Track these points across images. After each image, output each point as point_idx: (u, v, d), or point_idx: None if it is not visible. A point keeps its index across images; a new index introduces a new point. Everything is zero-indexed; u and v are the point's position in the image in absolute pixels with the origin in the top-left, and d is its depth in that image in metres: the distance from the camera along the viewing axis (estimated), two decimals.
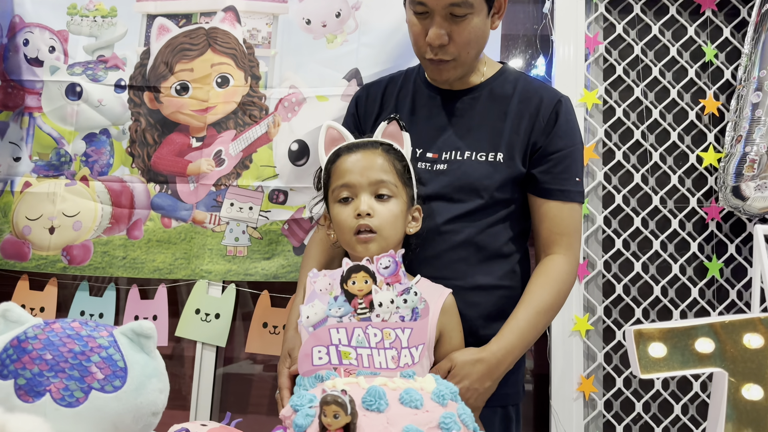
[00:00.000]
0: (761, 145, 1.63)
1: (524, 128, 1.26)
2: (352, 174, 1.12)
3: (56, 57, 1.97)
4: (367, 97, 1.43)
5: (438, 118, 1.32)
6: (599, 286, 1.80)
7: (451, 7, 1.17)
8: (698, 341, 0.83)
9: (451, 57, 1.23)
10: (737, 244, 1.79)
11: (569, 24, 1.86)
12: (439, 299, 1.09)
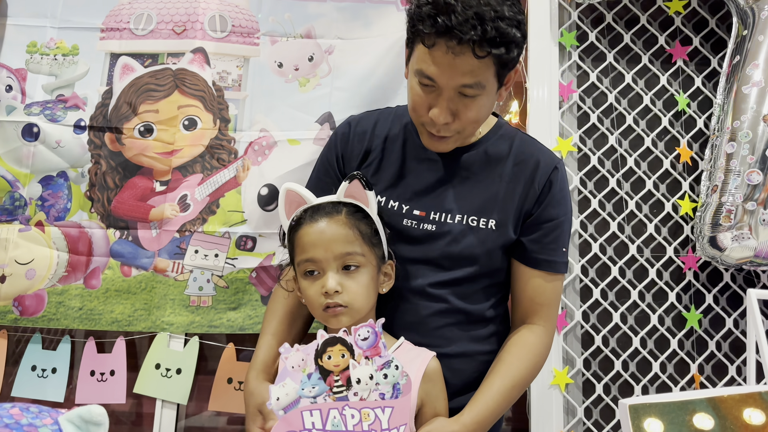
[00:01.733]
0: (737, 196, 1.62)
1: (518, 194, 1.20)
2: (316, 248, 1.06)
3: (13, 96, 1.88)
4: (352, 134, 1.32)
5: (429, 173, 1.23)
6: (578, 338, 1.75)
7: (463, 88, 1.09)
8: (696, 417, 0.78)
9: (454, 133, 1.15)
10: (715, 294, 1.77)
11: (543, 71, 1.85)
12: (422, 365, 1.02)
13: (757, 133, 1.62)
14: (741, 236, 1.61)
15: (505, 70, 1.12)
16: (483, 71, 1.07)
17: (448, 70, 1.07)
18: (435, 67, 1.08)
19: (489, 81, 1.10)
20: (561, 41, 1.87)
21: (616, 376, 1.73)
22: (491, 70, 1.08)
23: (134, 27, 1.92)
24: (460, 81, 1.08)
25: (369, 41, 1.92)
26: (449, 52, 1.05)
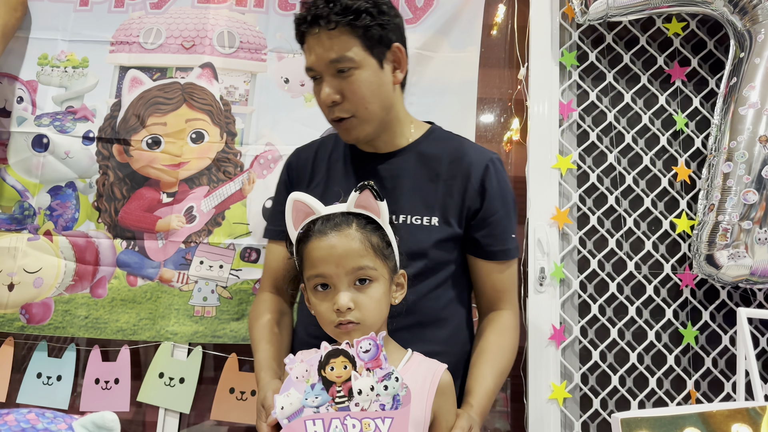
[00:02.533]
0: (733, 215, 1.65)
1: (457, 190, 1.28)
2: (327, 264, 1.04)
3: (24, 107, 1.92)
4: (297, 161, 1.43)
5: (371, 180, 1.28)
6: (576, 353, 1.78)
7: (333, 63, 1.21)
8: (686, 431, 0.80)
9: (349, 114, 1.25)
10: (711, 311, 1.80)
11: (543, 90, 1.89)
12: (435, 379, 1.03)
13: (753, 154, 1.65)
14: (737, 255, 1.64)
15: (377, 46, 1.24)
16: (344, 44, 1.21)
17: (317, 52, 1.23)
18: (310, 57, 1.25)
19: (359, 55, 1.22)
20: (561, 61, 1.91)
21: (613, 391, 1.75)
22: (355, 43, 1.21)
23: (144, 41, 1.96)
24: (328, 57, 1.21)
25: None
26: (313, 39, 1.22)
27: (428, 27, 1.97)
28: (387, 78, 1.27)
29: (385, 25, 1.24)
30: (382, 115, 1.29)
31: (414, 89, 1.94)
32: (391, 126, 1.33)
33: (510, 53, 2.02)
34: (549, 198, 1.82)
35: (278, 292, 1.40)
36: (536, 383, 1.72)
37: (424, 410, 1.01)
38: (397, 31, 1.29)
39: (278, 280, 1.39)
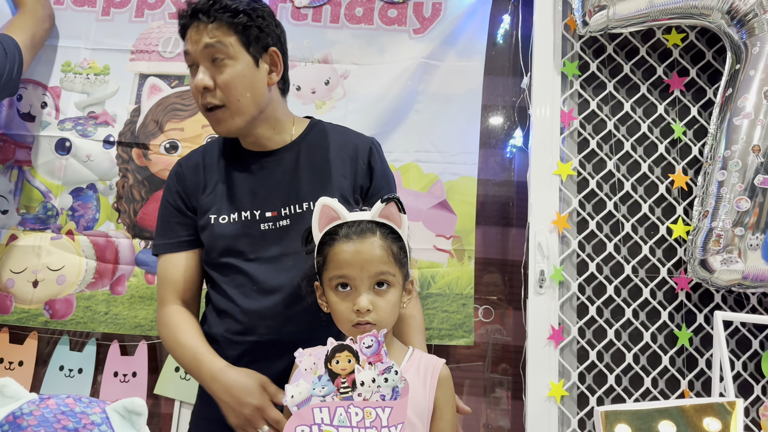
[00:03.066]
0: (726, 222, 1.71)
1: (349, 172, 1.40)
2: (351, 267, 1.11)
3: (48, 112, 2.02)
4: (185, 171, 1.46)
5: (265, 179, 1.40)
6: (574, 352, 1.85)
7: (208, 49, 1.32)
8: (661, 424, 0.87)
9: (221, 102, 1.33)
10: (706, 314, 1.86)
11: (545, 99, 1.96)
12: (435, 373, 1.13)
13: (747, 163, 1.71)
14: (729, 260, 1.70)
15: (253, 44, 1.35)
16: (221, 35, 1.32)
17: (194, 39, 1.33)
18: (188, 45, 1.35)
19: (234, 47, 1.32)
20: (564, 71, 1.97)
21: (609, 389, 1.82)
22: (232, 37, 1.32)
23: (162, 50, 2.05)
24: (204, 42, 1.31)
25: (382, 66, 2.04)
26: (193, 29, 1.33)
27: (435, 37, 2.04)
28: (261, 76, 1.37)
29: (263, 28, 1.37)
30: (254, 111, 1.37)
31: (421, 97, 2.02)
32: (271, 124, 1.42)
33: (514, 62, 2.09)
34: (550, 203, 1.89)
35: (184, 303, 1.41)
36: (535, 381, 1.79)
37: (427, 401, 1.11)
38: (275, 38, 1.41)
39: (182, 291, 1.40)
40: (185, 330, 1.35)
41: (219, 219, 1.38)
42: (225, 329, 1.36)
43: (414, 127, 2.00)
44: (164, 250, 1.44)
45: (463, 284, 1.91)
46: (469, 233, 1.94)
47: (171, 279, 1.42)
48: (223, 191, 1.41)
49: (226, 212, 1.38)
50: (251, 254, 1.36)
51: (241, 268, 1.35)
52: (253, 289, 1.34)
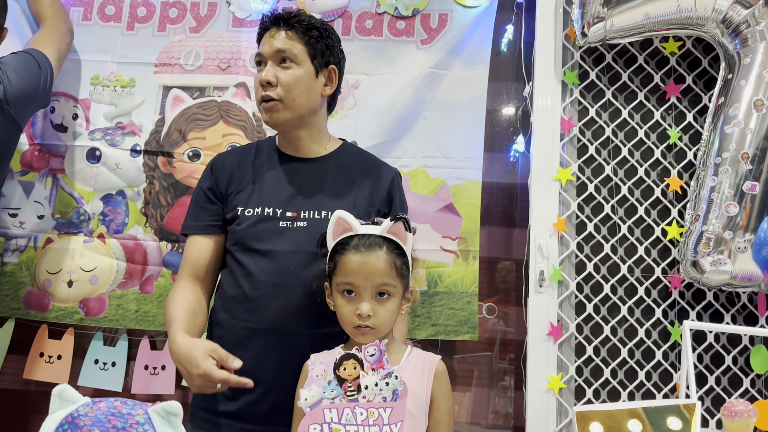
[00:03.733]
0: (716, 225, 1.81)
1: (370, 194, 1.58)
2: (357, 276, 1.28)
3: (79, 123, 2.16)
4: (221, 165, 1.63)
5: (292, 182, 1.57)
6: (572, 347, 1.96)
7: (279, 53, 1.52)
8: (630, 422, 0.99)
9: (277, 96, 1.52)
10: (698, 311, 1.96)
11: (546, 107, 2.06)
12: (431, 368, 1.29)
13: (737, 170, 1.81)
14: (719, 261, 1.80)
15: (318, 58, 1.56)
16: (293, 44, 1.53)
17: (269, 43, 1.53)
18: (263, 46, 1.55)
19: (302, 55, 1.54)
20: (564, 79, 2.07)
21: (605, 382, 1.94)
22: (301, 47, 1.54)
23: (184, 63, 2.17)
24: (276, 46, 1.52)
25: (391, 77, 2.15)
26: (269, 34, 1.55)
27: (441, 47, 2.15)
28: (318, 86, 1.57)
29: (329, 47, 1.58)
30: (304, 112, 1.56)
31: (428, 105, 2.13)
32: (312, 132, 1.60)
33: (517, 69, 2.19)
34: (550, 207, 2.00)
35: (196, 281, 1.57)
36: (535, 374, 1.91)
37: (425, 394, 1.28)
38: (337, 58, 1.62)
39: (198, 270, 1.57)
40: (175, 303, 1.49)
41: (245, 211, 1.55)
42: (230, 315, 1.51)
43: (421, 134, 2.11)
44: (190, 230, 1.62)
45: (468, 283, 2.03)
46: (474, 234, 2.05)
47: (189, 258, 1.59)
48: (253, 187, 1.57)
49: (252, 206, 1.55)
50: (265, 246, 1.51)
51: (255, 258, 1.51)
52: (261, 279, 1.49)
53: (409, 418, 1.26)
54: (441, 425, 1.31)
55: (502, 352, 2.08)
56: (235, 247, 1.55)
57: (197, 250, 1.59)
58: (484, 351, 2.08)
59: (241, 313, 1.49)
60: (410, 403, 1.28)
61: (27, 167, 2.14)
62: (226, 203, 1.59)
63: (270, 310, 1.47)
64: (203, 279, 1.58)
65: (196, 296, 1.54)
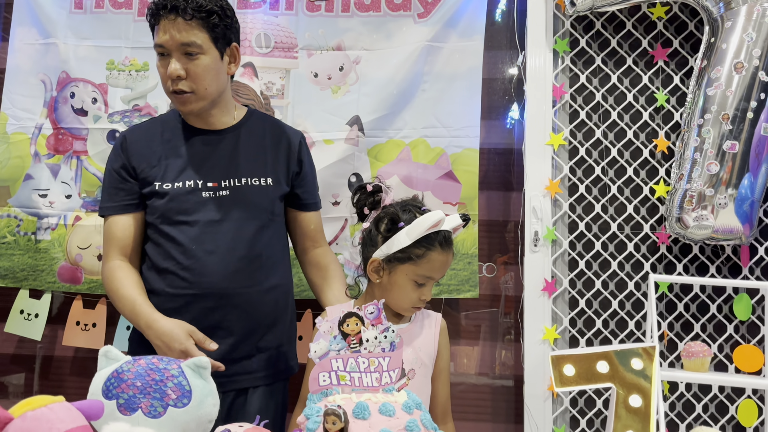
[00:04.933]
0: (699, 183, 1.92)
1: (282, 157, 1.73)
2: (438, 272, 1.52)
3: (98, 107, 2.29)
4: (131, 142, 1.71)
5: (208, 154, 1.68)
6: (566, 301, 2.11)
7: (183, 46, 1.56)
8: (599, 363, 1.14)
9: (189, 89, 1.59)
10: (685, 263, 2.09)
11: (539, 75, 2.16)
12: (437, 324, 1.55)
13: (718, 130, 1.91)
14: (701, 217, 1.92)
15: (221, 42, 1.61)
16: (195, 34, 1.56)
17: (171, 34, 1.56)
18: (163, 36, 1.57)
19: (206, 44, 1.58)
20: (555, 48, 2.17)
21: (597, 332, 2.09)
22: (204, 35, 1.57)
23: None
24: (180, 40, 1.56)
25: (390, 51, 2.25)
26: (169, 23, 1.56)
27: (437, 20, 2.24)
28: (224, 68, 1.65)
29: (229, 26, 1.63)
30: (215, 96, 1.65)
31: (426, 77, 2.23)
32: (221, 107, 1.70)
33: (511, 39, 2.28)
34: (543, 171, 2.12)
35: (125, 258, 1.67)
36: (531, 327, 2.07)
37: (434, 346, 1.53)
38: (236, 33, 1.69)
39: (125, 248, 1.67)
40: (125, 284, 1.61)
41: (163, 185, 1.65)
42: (166, 284, 1.63)
43: (421, 106, 2.22)
44: (109, 212, 1.70)
45: (469, 245, 2.16)
46: (473, 199, 2.18)
47: (115, 237, 1.68)
48: (168, 162, 1.68)
49: (170, 180, 1.66)
50: (192, 217, 1.64)
51: (183, 230, 1.64)
52: (193, 248, 1.63)
53: (423, 368, 1.53)
54: (444, 372, 1.58)
55: (500, 307, 2.23)
56: (159, 220, 1.65)
57: (120, 229, 1.67)
58: (485, 306, 2.22)
59: (177, 282, 1.62)
60: (423, 354, 1.55)
61: (53, 150, 2.29)
62: (140, 180, 1.67)
63: (205, 276, 1.61)
64: (131, 255, 1.69)
65: (135, 273, 1.66)
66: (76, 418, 0.89)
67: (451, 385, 2.12)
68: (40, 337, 2.24)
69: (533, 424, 2.03)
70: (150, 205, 1.67)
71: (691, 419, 2.02)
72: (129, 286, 1.62)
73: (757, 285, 1.55)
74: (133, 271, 1.67)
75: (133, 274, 1.66)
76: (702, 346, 1.45)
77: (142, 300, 1.59)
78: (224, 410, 1.40)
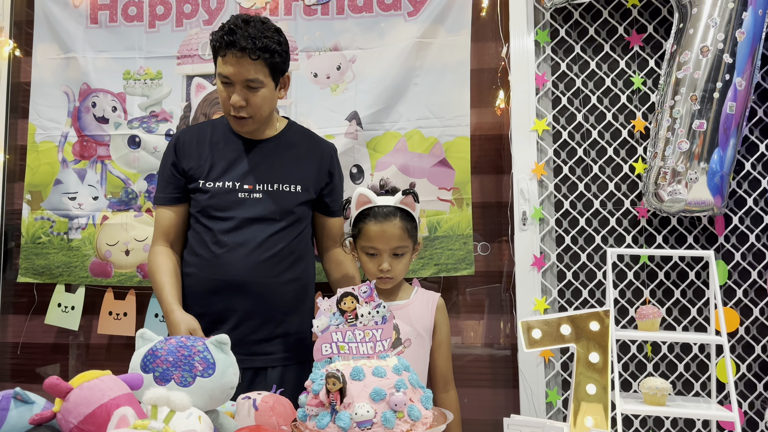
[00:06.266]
0: (671, 161, 2.07)
1: (313, 168, 1.94)
2: (378, 242, 1.70)
3: (118, 115, 2.49)
4: (182, 143, 1.93)
5: (248, 160, 1.89)
6: (554, 274, 2.28)
7: (247, 81, 1.76)
8: (562, 326, 1.32)
9: (248, 115, 1.82)
10: (664, 234, 2.25)
11: (522, 66, 2.32)
12: (433, 302, 1.76)
13: (688, 111, 2.06)
14: (675, 191, 2.08)
15: (277, 74, 1.82)
16: (258, 70, 1.76)
17: (237, 69, 1.75)
18: (228, 68, 1.76)
19: (266, 78, 1.78)
20: (536, 39, 2.32)
21: (584, 302, 2.26)
22: (265, 71, 1.77)
23: (202, 53, 2.47)
24: (246, 76, 1.76)
25: (383, 49, 2.42)
26: (235, 58, 1.74)
27: (426, 17, 2.40)
28: (277, 95, 1.87)
29: (285, 60, 1.84)
30: (267, 118, 1.89)
31: (418, 72, 2.40)
32: (267, 122, 1.92)
33: (496, 31, 2.44)
34: (528, 155, 2.29)
35: (168, 244, 1.92)
36: (522, 298, 2.25)
37: (430, 321, 1.74)
38: (289, 63, 1.87)
39: (169, 234, 1.92)
40: (161, 270, 1.86)
41: (207, 184, 1.89)
42: (199, 269, 1.88)
43: (414, 99, 2.39)
44: (159, 202, 1.96)
45: (464, 226, 2.34)
46: (466, 184, 2.35)
47: (161, 224, 1.94)
48: (213, 163, 1.91)
49: (213, 180, 1.89)
50: (227, 214, 1.87)
51: (218, 224, 1.87)
52: (224, 240, 1.86)
53: (419, 338, 1.73)
54: (443, 345, 1.79)
55: (494, 282, 2.41)
56: (200, 213, 1.90)
57: (167, 218, 1.93)
58: (480, 282, 2.40)
59: (209, 268, 1.86)
60: (419, 327, 1.77)
61: (78, 156, 2.50)
62: (187, 177, 1.91)
63: (233, 265, 1.84)
64: (173, 242, 1.94)
65: (172, 259, 1.90)
66: (122, 387, 1.09)
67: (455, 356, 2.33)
68: (77, 327, 2.47)
69: (528, 387, 2.22)
70: (194, 198, 1.92)
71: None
72: (164, 271, 1.87)
73: (701, 253, 1.73)
74: (171, 257, 1.91)
75: (169, 260, 1.90)
76: (652, 309, 1.62)
77: (169, 288, 1.83)
78: (245, 386, 1.62)
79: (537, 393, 2.22)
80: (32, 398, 1.09)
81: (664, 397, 1.53)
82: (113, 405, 1.03)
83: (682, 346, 2.21)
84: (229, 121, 1.90)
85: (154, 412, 0.95)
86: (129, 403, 1.06)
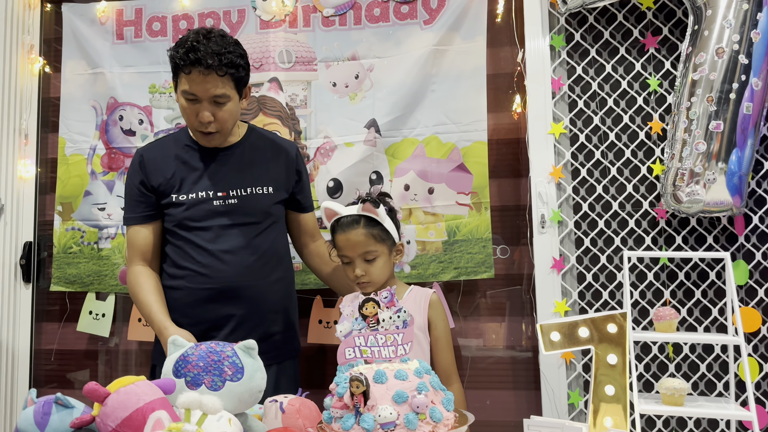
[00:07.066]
0: (689, 162, 2.09)
1: (281, 168, 2.01)
2: (346, 250, 1.79)
3: (144, 127, 2.57)
4: (148, 160, 1.96)
5: (217, 168, 1.94)
6: (574, 276, 2.30)
7: (214, 97, 1.81)
8: (579, 329, 1.35)
9: (216, 130, 1.87)
10: (684, 235, 2.26)
11: (538, 70, 2.35)
12: (426, 299, 1.80)
13: (704, 112, 2.07)
14: (693, 192, 2.09)
15: (241, 87, 1.87)
16: (224, 86, 1.80)
17: (203, 87, 1.79)
18: (194, 86, 1.79)
19: (231, 92, 1.84)
20: (552, 44, 2.35)
21: (605, 303, 2.28)
22: (231, 84, 1.82)
23: None
24: (213, 93, 1.80)
25: (400, 57, 2.46)
26: (201, 76, 1.77)
27: (442, 25, 2.44)
28: (240, 106, 1.91)
29: (247, 72, 1.89)
30: (232, 129, 1.95)
31: (434, 79, 2.43)
32: (231, 131, 1.96)
33: (511, 36, 2.47)
34: (546, 158, 2.31)
35: (146, 263, 1.95)
36: (543, 301, 2.27)
37: (423, 318, 1.80)
38: (249, 75, 1.92)
39: (146, 253, 1.94)
40: (145, 289, 1.89)
41: (179, 197, 1.93)
42: (186, 281, 1.92)
43: (431, 105, 2.43)
44: (131, 222, 1.98)
45: (483, 230, 2.37)
46: (484, 188, 2.38)
47: (136, 244, 1.95)
48: (182, 176, 1.95)
49: (185, 192, 1.93)
50: (206, 223, 1.92)
51: (199, 234, 1.92)
52: (210, 250, 1.91)
53: (416, 339, 1.77)
54: (440, 340, 1.83)
55: (515, 285, 2.43)
56: (177, 227, 1.94)
57: (141, 237, 1.95)
58: (500, 285, 2.43)
59: (196, 278, 1.91)
60: (415, 328, 1.80)
61: (107, 168, 2.58)
62: (157, 193, 1.94)
63: (223, 272, 1.89)
64: (150, 260, 1.96)
65: (153, 277, 1.93)
66: (156, 392, 1.15)
67: (476, 358, 2.37)
68: (108, 334, 2.55)
69: (549, 389, 2.25)
70: (168, 213, 1.96)
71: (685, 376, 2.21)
72: (148, 291, 1.89)
73: (718, 255, 1.73)
74: (152, 275, 1.95)
75: (151, 279, 1.94)
76: (670, 311, 1.64)
77: (158, 307, 1.87)
78: None
79: (559, 394, 2.24)
80: (72, 403, 1.15)
81: (681, 398, 1.55)
82: (149, 409, 1.08)
83: (703, 347, 2.22)
84: (194, 136, 1.94)
85: (188, 416, 1.00)
86: (163, 406, 1.11)
